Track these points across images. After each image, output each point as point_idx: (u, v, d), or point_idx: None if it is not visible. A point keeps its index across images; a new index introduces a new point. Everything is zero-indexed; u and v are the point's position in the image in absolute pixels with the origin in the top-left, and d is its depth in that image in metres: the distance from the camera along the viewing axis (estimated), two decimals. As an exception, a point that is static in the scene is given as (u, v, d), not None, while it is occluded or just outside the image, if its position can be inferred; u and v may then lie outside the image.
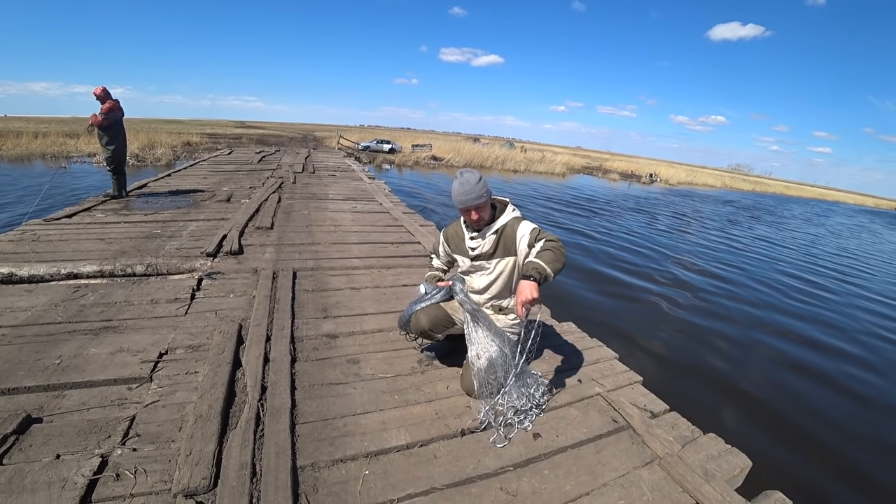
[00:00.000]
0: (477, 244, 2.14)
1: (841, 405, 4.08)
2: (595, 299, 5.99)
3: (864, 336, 5.99)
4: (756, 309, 6.48)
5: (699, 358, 4.68)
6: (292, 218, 5.50)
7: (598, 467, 1.83)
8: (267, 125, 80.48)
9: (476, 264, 2.18)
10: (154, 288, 3.10)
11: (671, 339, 5.03)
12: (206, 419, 1.78)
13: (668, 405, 2.34)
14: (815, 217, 27.31)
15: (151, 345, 2.34)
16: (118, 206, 5.52)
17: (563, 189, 20.72)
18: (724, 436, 2.12)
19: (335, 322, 2.82)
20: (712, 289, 7.20)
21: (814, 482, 3.08)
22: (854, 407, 4.08)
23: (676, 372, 4.30)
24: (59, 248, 3.77)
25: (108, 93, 5.78)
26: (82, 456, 1.57)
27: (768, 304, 6.82)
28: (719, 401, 3.88)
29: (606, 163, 45.14)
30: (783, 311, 6.56)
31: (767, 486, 1.93)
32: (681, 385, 3.97)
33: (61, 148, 16.47)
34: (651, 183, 33.11)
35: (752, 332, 5.53)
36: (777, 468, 3.02)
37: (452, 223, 2.35)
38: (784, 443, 3.43)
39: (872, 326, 6.44)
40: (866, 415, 3.98)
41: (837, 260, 11.88)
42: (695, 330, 5.38)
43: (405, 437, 1.85)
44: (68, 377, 2.00)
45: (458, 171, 2.06)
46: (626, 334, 4.92)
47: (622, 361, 2.78)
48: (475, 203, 2.00)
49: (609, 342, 3.01)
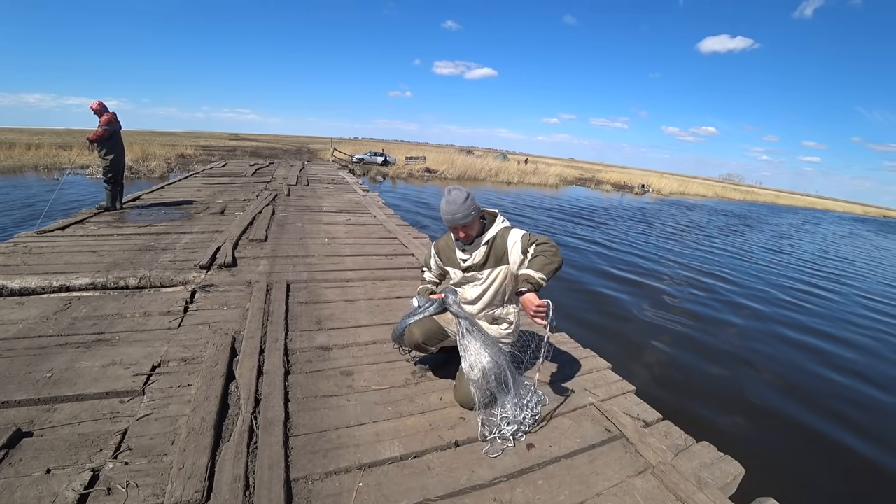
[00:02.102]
0: (468, 256, 2.17)
1: (838, 413, 4.10)
2: (588, 309, 6.01)
3: (860, 339, 6.05)
4: (751, 317, 6.54)
5: (692, 366, 4.70)
6: (286, 230, 5.51)
7: (592, 477, 1.83)
8: (261, 137, 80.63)
9: (468, 276, 2.20)
10: (147, 300, 3.09)
11: (664, 347, 5.05)
12: (198, 432, 1.77)
13: (661, 414, 2.36)
14: (805, 224, 27.62)
15: (144, 358, 2.33)
16: (111, 219, 5.50)
17: (554, 200, 20.85)
18: (718, 444, 2.13)
19: (329, 334, 2.82)
20: (706, 297, 7.25)
21: (807, 489, 3.09)
22: (850, 414, 4.11)
23: (669, 380, 4.31)
24: (51, 260, 3.76)
25: (104, 106, 5.84)
26: (73, 470, 1.56)
27: (763, 311, 6.87)
28: (712, 409, 3.89)
29: (599, 174, 45.47)
30: (778, 318, 6.61)
31: (761, 494, 1.94)
32: (674, 394, 3.99)
33: (54, 160, 16.40)
34: (643, 193, 33.40)
35: (746, 340, 5.57)
36: (771, 475, 3.03)
37: (443, 236, 2.38)
38: (777, 450, 3.45)
39: (868, 331, 6.50)
40: (862, 422, 4.00)
41: (830, 267, 12.00)
42: (687, 339, 5.41)
43: (399, 449, 1.85)
44: (59, 391, 1.99)
45: (447, 188, 2.09)
46: (619, 344, 4.94)
47: (615, 371, 2.80)
48: (462, 222, 2.04)
49: (602, 352, 3.03)
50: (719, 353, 5.13)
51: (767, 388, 4.42)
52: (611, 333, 5.22)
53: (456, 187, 2.07)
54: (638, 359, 4.67)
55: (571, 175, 38.32)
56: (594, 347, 3.08)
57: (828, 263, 13.01)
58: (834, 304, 8.23)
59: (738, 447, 2.32)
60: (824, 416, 4.03)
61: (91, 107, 5.82)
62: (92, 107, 5.81)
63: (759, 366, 4.94)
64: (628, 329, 5.49)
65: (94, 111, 5.80)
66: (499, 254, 2.11)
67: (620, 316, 5.94)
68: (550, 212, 16.15)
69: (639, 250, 10.64)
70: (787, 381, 4.63)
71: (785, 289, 8.67)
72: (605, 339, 4.88)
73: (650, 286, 7.59)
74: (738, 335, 5.75)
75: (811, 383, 4.67)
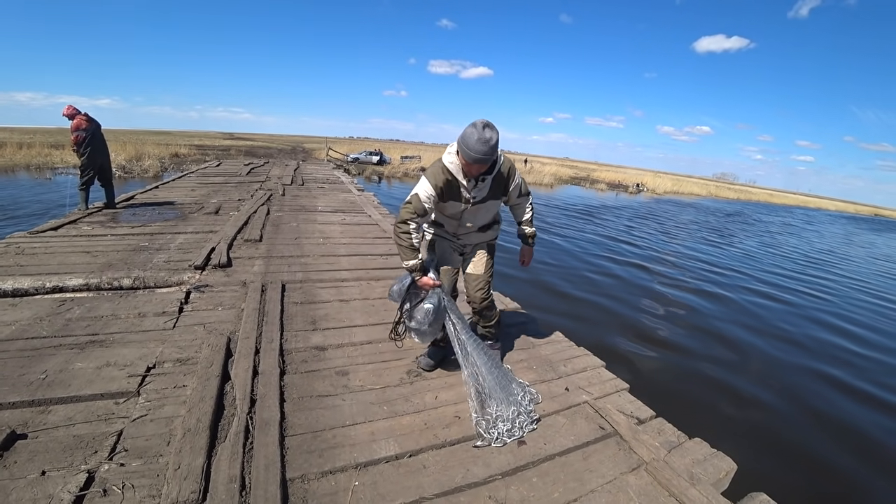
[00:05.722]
0: (476, 190, 2.16)
1: (830, 411, 4.15)
2: (584, 307, 6.04)
3: (858, 330, 6.13)
4: (744, 314, 6.58)
5: (685, 362, 4.74)
6: (281, 230, 5.50)
7: (586, 474, 1.85)
8: (256, 137, 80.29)
9: (473, 208, 2.22)
10: (141, 301, 3.08)
11: (657, 344, 5.08)
12: (194, 433, 1.77)
13: (654, 411, 2.38)
14: (798, 224, 27.83)
15: (139, 359, 2.33)
16: (105, 219, 5.47)
17: (551, 199, 20.91)
18: (710, 440, 2.16)
19: (324, 334, 2.82)
20: (700, 295, 7.30)
21: (799, 484, 3.12)
22: (843, 411, 4.15)
23: (662, 377, 4.35)
24: (44, 261, 3.74)
25: (75, 110, 5.72)
26: (68, 472, 1.56)
27: (756, 310, 6.92)
28: (705, 405, 3.93)
29: (594, 173, 45.62)
30: (770, 316, 6.66)
31: (753, 489, 1.97)
32: (667, 390, 4.01)
33: (46, 159, 16.27)
34: (638, 193, 33.53)
35: (739, 336, 5.61)
36: (763, 471, 3.07)
37: (435, 171, 2.11)
38: (770, 446, 3.48)
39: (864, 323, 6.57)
40: (854, 419, 4.05)
41: (821, 265, 12.10)
42: (680, 335, 5.44)
43: (394, 448, 1.86)
44: (54, 392, 1.99)
45: (479, 123, 1.92)
46: (613, 342, 4.97)
47: (609, 369, 2.82)
48: (488, 162, 1.99)
49: (596, 350, 3.05)
50: (715, 349, 5.18)
51: (759, 385, 4.46)
52: (604, 332, 5.24)
53: (488, 123, 1.92)
54: (632, 356, 4.70)
55: (566, 174, 38.43)
56: (588, 346, 3.11)
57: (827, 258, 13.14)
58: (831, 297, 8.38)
59: (730, 443, 2.35)
60: (817, 414, 4.08)
61: (63, 113, 5.69)
62: (64, 113, 5.69)
63: (752, 362, 4.98)
64: (623, 326, 5.51)
65: (66, 116, 5.68)
66: (502, 186, 2.23)
67: (615, 314, 5.97)
68: (550, 209, 16.20)
69: (631, 245, 10.69)
70: (779, 379, 4.67)
71: (775, 285, 8.74)
72: (599, 338, 4.90)
73: (643, 283, 7.63)
74: (736, 332, 5.79)
75: (805, 381, 4.72)
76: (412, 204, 2.11)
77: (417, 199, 2.10)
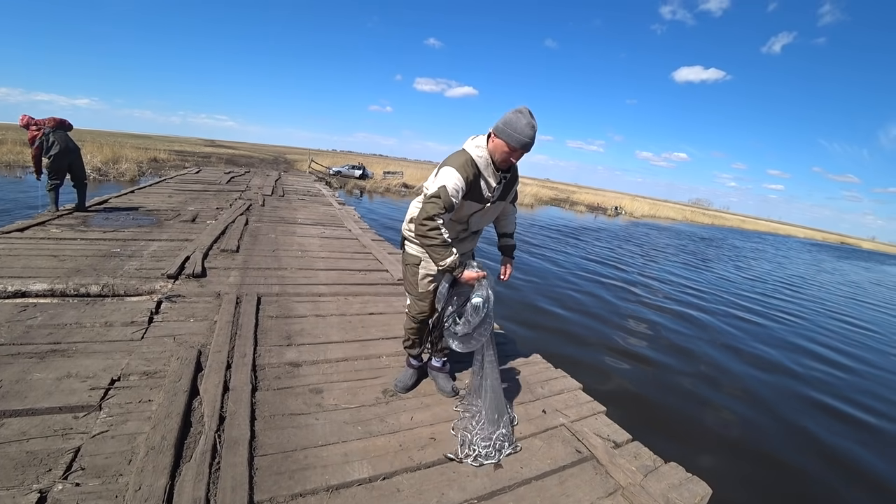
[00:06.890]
0: (499, 187, 2.02)
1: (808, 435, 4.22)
2: (561, 330, 6.06)
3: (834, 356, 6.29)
4: (721, 335, 6.69)
5: (662, 382, 4.78)
6: (259, 241, 5.40)
7: (562, 499, 1.83)
8: (238, 145, 79.44)
9: (489, 207, 2.07)
10: (109, 310, 2.96)
11: (635, 364, 5.12)
12: (158, 451, 1.69)
13: (631, 435, 2.38)
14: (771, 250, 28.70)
15: (103, 370, 2.22)
16: (75, 222, 5.29)
17: (531, 220, 21.14)
18: (685, 464, 2.17)
19: (299, 350, 2.76)
20: (676, 318, 7.41)
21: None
22: (819, 434, 4.23)
23: (639, 398, 4.36)
24: (6, 263, 3.58)
25: (30, 119, 5.54)
26: (18, 492, 1.47)
27: (732, 331, 7.04)
28: (681, 429, 3.95)
29: (574, 195, 46.39)
30: (745, 339, 6.79)
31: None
32: (643, 411, 4.03)
33: (18, 157, 15.71)
34: (616, 216, 34.20)
35: (715, 359, 5.69)
36: (737, 495, 3.08)
37: (463, 163, 1.90)
38: (744, 469, 3.51)
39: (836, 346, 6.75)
40: (831, 442, 4.12)
41: (793, 289, 12.45)
42: (659, 355, 5.50)
43: (368, 470, 1.81)
44: (8, 404, 1.88)
45: (520, 109, 1.84)
46: (591, 361, 4.99)
47: (586, 391, 2.82)
48: (530, 148, 1.86)
49: (573, 372, 3.05)
50: (688, 370, 5.24)
51: (736, 407, 4.51)
52: (582, 354, 5.26)
53: (530, 110, 1.83)
54: (609, 378, 4.72)
55: (547, 195, 38.97)
56: (566, 368, 3.11)
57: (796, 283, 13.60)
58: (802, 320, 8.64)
59: (705, 468, 2.36)
60: (793, 437, 4.14)
61: (20, 125, 5.53)
62: (20, 124, 5.53)
63: (727, 384, 5.05)
64: (600, 349, 5.54)
65: (22, 127, 5.53)
66: (512, 189, 2.16)
67: (592, 338, 6.01)
68: (531, 229, 16.35)
69: (609, 265, 10.83)
70: (755, 400, 4.75)
71: (750, 309, 8.95)
72: (576, 360, 4.91)
73: (623, 310, 7.72)
74: (711, 356, 5.88)
75: (781, 403, 4.80)
76: (440, 198, 1.87)
77: (445, 192, 1.86)
